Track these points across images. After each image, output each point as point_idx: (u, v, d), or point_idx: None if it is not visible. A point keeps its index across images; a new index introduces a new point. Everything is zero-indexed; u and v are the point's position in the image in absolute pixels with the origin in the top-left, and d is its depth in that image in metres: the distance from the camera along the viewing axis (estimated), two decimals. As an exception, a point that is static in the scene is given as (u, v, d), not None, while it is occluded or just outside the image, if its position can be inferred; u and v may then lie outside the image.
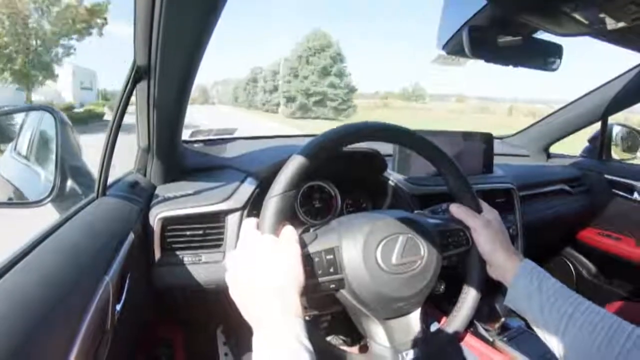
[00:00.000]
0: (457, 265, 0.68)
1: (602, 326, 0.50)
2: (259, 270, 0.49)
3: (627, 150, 1.74)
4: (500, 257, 0.62)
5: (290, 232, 0.53)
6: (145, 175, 1.00)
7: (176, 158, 1.04)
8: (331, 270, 0.56)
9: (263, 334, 0.44)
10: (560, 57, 0.78)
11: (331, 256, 0.56)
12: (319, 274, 0.56)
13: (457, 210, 0.67)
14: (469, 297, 0.67)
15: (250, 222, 0.54)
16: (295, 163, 0.55)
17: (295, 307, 0.47)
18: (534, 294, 0.57)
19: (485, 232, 0.64)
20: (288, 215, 0.54)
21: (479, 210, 0.67)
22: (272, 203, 0.53)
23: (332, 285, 0.57)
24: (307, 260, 0.54)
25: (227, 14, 0.57)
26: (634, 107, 1.54)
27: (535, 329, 0.59)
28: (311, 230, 0.64)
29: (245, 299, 0.49)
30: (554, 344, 0.55)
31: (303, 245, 0.55)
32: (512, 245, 0.65)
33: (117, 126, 0.78)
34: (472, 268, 0.67)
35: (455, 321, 0.66)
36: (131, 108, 0.82)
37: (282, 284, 0.48)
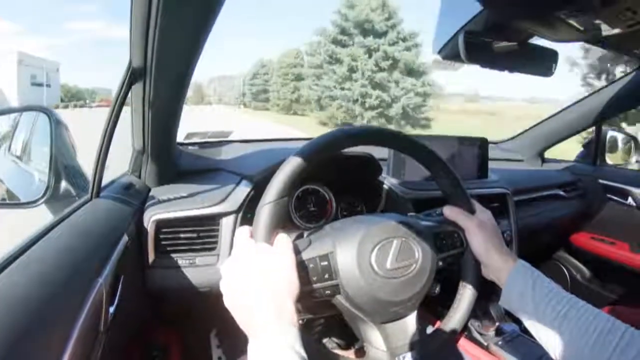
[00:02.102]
0: (452, 267, 0.68)
1: (596, 325, 0.51)
2: (254, 279, 0.48)
3: (621, 155, 1.76)
4: (495, 258, 0.62)
5: (284, 240, 0.52)
6: (139, 177, 1.00)
7: (171, 160, 1.03)
8: (326, 276, 0.56)
9: (258, 343, 0.44)
10: (555, 63, 0.78)
11: (326, 262, 0.56)
12: (314, 281, 0.55)
13: (450, 211, 0.67)
14: (465, 298, 0.67)
15: (243, 231, 0.54)
16: (287, 169, 0.54)
17: (290, 316, 0.47)
18: (528, 294, 0.57)
19: (479, 232, 0.64)
20: (281, 222, 0.54)
21: (472, 211, 0.67)
22: (264, 211, 0.53)
23: (328, 292, 0.57)
24: (302, 267, 0.54)
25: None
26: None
27: (529, 328, 0.59)
28: (305, 235, 0.64)
29: (240, 308, 0.48)
30: (548, 343, 0.55)
31: (297, 252, 0.55)
32: (507, 246, 0.65)
33: (112, 128, 0.77)
34: (467, 269, 0.67)
35: (451, 323, 0.66)
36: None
37: (276, 293, 0.48)
